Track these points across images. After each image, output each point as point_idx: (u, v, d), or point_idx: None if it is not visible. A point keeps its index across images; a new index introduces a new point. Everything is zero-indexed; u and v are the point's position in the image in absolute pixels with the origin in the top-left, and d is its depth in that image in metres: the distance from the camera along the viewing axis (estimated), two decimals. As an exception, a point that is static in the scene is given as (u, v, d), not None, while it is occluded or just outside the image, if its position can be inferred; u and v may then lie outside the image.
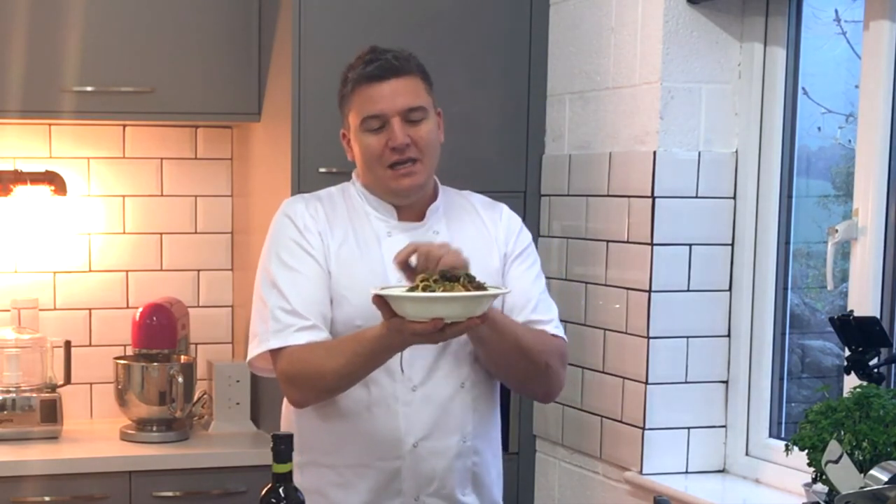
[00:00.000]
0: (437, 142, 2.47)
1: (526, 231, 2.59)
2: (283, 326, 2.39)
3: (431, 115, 2.46)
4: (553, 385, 2.51)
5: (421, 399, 2.42)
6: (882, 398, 2.17)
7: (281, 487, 2.01)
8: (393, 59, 2.42)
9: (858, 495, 1.95)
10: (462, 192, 2.61)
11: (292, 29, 3.26)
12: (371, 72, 2.41)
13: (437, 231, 2.49)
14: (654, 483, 3.01)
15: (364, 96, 2.42)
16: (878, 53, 2.68)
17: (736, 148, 3.06)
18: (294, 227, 2.46)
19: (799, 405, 3.07)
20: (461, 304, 2.13)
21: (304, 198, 2.54)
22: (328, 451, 2.46)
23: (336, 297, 2.43)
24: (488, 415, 2.54)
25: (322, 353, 2.36)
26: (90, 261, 3.85)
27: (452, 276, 2.16)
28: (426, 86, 2.47)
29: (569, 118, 3.37)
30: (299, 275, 2.42)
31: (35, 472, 3.34)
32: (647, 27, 3.04)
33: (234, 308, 3.96)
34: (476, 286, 2.16)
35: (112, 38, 3.48)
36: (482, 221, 2.55)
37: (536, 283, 2.54)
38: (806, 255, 3.10)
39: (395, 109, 2.40)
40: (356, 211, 2.50)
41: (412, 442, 2.42)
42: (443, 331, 2.15)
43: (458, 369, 2.45)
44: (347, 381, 2.37)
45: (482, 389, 2.50)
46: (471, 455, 2.48)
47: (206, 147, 3.92)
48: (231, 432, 3.69)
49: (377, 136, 2.42)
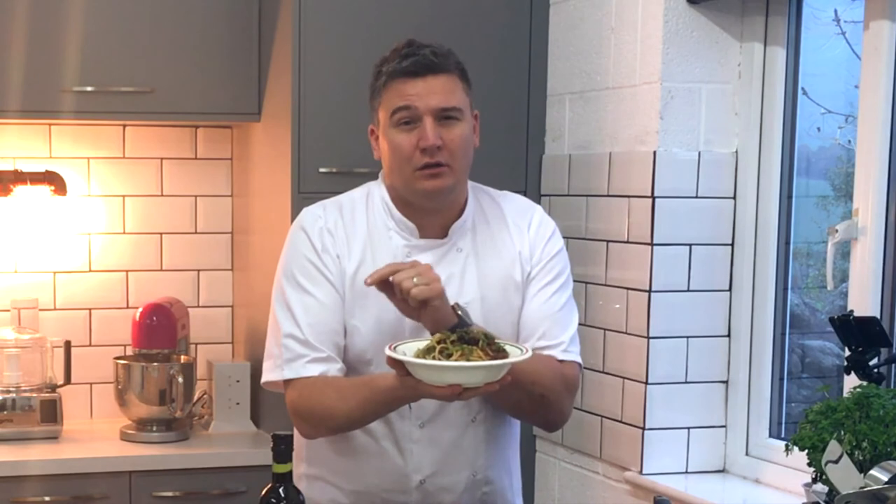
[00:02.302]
0: (470, 146, 2.33)
1: (556, 238, 2.44)
2: (295, 356, 2.32)
3: (467, 116, 2.31)
4: (552, 415, 2.38)
5: (428, 437, 2.35)
6: (882, 398, 2.17)
7: (281, 487, 2.01)
8: (431, 55, 2.28)
9: (858, 495, 1.95)
10: (498, 196, 2.47)
11: (292, 29, 3.26)
12: (406, 67, 2.27)
13: (460, 248, 2.37)
14: (654, 483, 3.01)
15: (397, 92, 2.28)
16: (878, 53, 2.68)
17: (736, 148, 3.06)
18: (311, 246, 2.34)
19: (799, 405, 3.07)
20: (480, 373, 2.06)
21: (324, 207, 2.40)
22: (337, 473, 2.41)
23: (347, 327, 2.34)
24: (504, 444, 2.45)
25: (333, 395, 2.29)
26: (90, 261, 3.85)
27: (471, 338, 2.08)
28: (464, 85, 2.32)
29: (569, 118, 3.37)
30: (313, 299, 2.32)
31: (35, 472, 3.34)
32: (647, 27, 3.04)
33: (234, 308, 3.96)
34: (495, 349, 2.08)
35: (112, 38, 3.48)
36: (509, 233, 2.41)
37: (553, 299, 2.39)
38: (806, 255, 3.10)
39: (429, 108, 2.26)
40: (377, 224, 2.37)
41: (419, 479, 2.36)
42: (459, 395, 2.08)
43: (468, 405, 2.35)
44: (358, 424, 2.32)
45: (496, 420, 2.41)
46: (482, 486, 2.41)
47: (206, 147, 3.93)
48: (231, 432, 3.69)
49: (408, 134, 2.27)
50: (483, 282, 2.37)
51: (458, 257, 2.37)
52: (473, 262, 2.38)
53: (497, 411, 2.41)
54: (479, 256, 2.38)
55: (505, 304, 2.38)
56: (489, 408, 2.39)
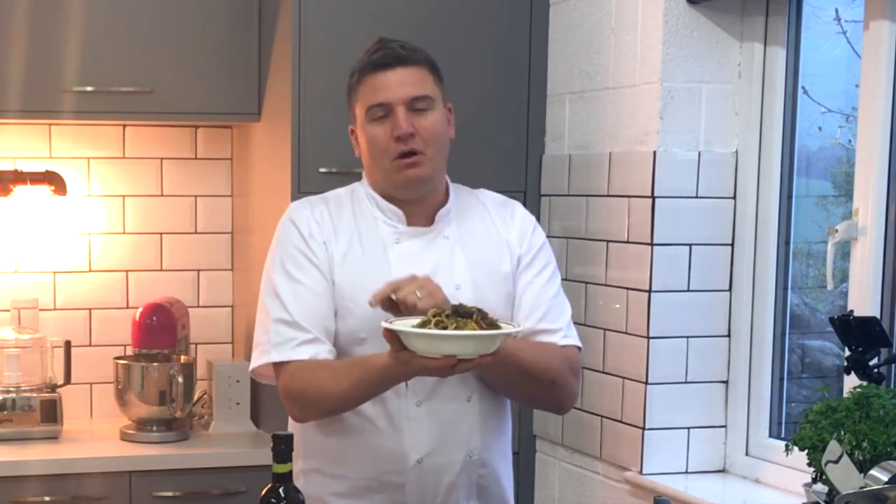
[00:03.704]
0: (444, 135, 2.41)
1: (539, 230, 2.53)
2: (285, 339, 2.35)
3: (439, 106, 2.39)
4: (564, 398, 2.46)
5: (426, 415, 2.38)
6: (882, 398, 2.17)
7: (281, 487, 2.01)
8: (399, 49, 2.38)
9: (858, 495, 1.95)
10: (475, 191, 2.55)
11: (292, 29, 3.26)
12: (376, 60, 2.37)
13: (446, 236, 2.44)
14: (654, 483, 3.01)
15: (369, 85, 2.37)
16: (878, 53, 2.68)
17: (736, 148, 3.06)
18: (298, 234, 2.40)
19: (799, 405, 3.07)
20: (474, 343, 2.10)
21: (310, 201, 2.48)
22: (332, 462, 2.43)
23: (340, 308, 2.38)
24: (498, 426, 2.49)
25: (326, 376, 2.32)
26: (90, 261, 3.85)
27: (465, 311, 2.12)
28: (434, 77, 2.41)
29: (569, 118, 3.37)
30: (302, 286, 2.37)
31: (35, 472, 3.34)
32: (647, 27, 3.04)
33: (234, 308, 3.96)
34: (488, 323, 2.12)
35: (112, 38, 3.48)
36: (493, 223, 2.49)
37: (547, 287, 2.47)
38: (806, 255, 3.10)
39: (400, 98, 2.34)
40: (363, 215, 2.44)
41: (416, 458, 2.38)
42: (453, 367, 2.11)
43: (464, 384, 2.39)
44: (350, 405, 2.34)
45: (490, 402, 2.45)
46: (477, 468, 2.44)
47: (206, 147, 3.93)
48: (231, 432, 3.69)
49: (382, 126, 2.36)
50: (472, 267, 2.43)
51: (446, 244, 2.43)
52: (460, 248, 2.43)
53: (491, 395, 2.45)
54: (466, 243, 2.43)
55: (495, 289, 2.42)
56: (484, 389, 2.43)
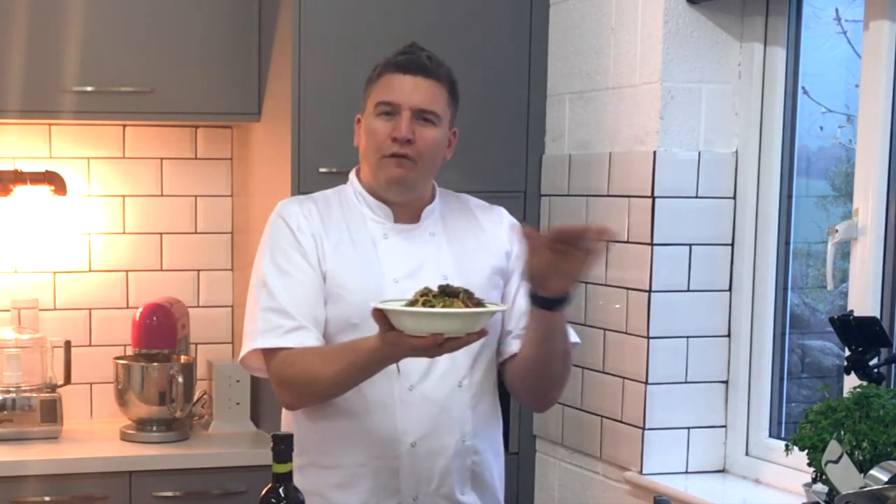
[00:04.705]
0: (439, 153, 2.45)
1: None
2: (273, 327, 2.39)
3: (444, 126, 2.43)
4: (559, 389, 2.51)
5: (418, 398, 2.41)
6: (882, 398, 2.17)
7: (281, 487, 2.01)
8: (426, 58, 2.41)
9: (858, 495, 1.95)
10: (459, 195, 2.60)
11: (292, 29, 3.26)
12: (401, 62, 2.40)
13: (432, 233, 2.49)
14: (654, 483, 3.01)
15: (386, 83, 2.41)
16: (878, 53, 2.68)
17: (736, 148, 3.06)
18: (287, 228, 2.44)
19: (799, 405, 3.07)
20: (461, 320, 2.14)
21: (298, 199, 2.53)
22: (327, 452, 2.46)
23: (332, 294, 2.42)
24: (488, 414, 2.53)
25: (316, 360, 2.35)
26: (90, 261, 3.85)
27: (451, 291, 2.16)
28: (449, 98, 2.44)
29: (569, 118, 3.37)
30: (291, 277, 2.41)
31: (35, 472, 3.34)
32: (647, 27, 3.04)
33: (234, 308, 3.96)
34: (475, 303, 2.17)
35: (112, 38, 3.48)
36: (479, 223, 2.54)
37: None
38: (806, 255, 3.10)
39: (410, 103, 2.38)
40: (352, 212, 2.48)
41: (410, 441, 2.41)
42: (441, 346, 2.15)
43: (455, 369, 2.44)
44: (341, 389, 2.36)
45: (481, 389, 2.49)
46: (470, 454, 2.47)
47: (206, 147, 3.93)
48: (231, 432, 3.69)
49: (385, 123, 2.39)
50: (459, 261, 2.46)
51: (432, 241, 2.47)
52: (447, 244, 2.48)
53: (482, 383, 2.48)
54: (453, 240, 2.48)
55: (481, 280, 2.44)
56: (475, 375, 2.47)
